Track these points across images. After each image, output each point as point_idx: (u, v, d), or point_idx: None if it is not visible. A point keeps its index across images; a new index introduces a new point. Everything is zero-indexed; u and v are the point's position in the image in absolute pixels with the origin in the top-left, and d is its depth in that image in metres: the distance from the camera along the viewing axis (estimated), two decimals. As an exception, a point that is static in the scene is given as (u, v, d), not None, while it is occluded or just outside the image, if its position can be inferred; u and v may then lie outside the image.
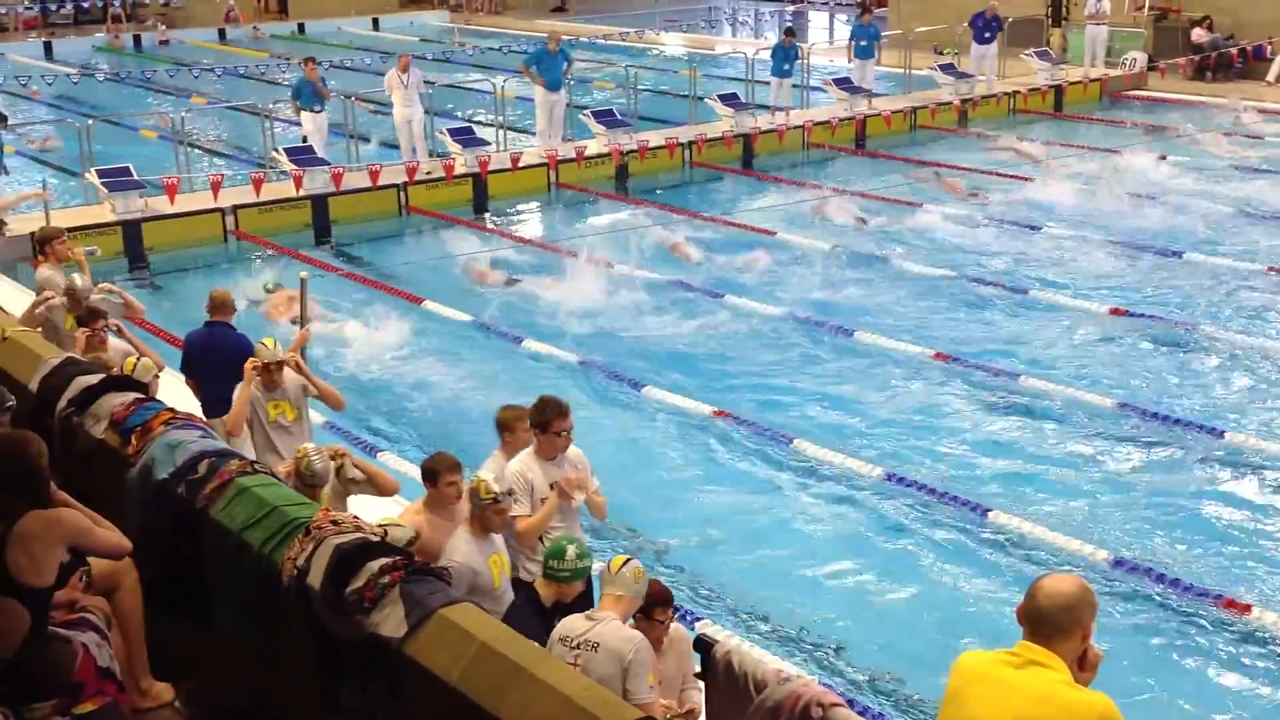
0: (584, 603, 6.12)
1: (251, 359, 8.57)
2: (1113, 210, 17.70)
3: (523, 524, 6.89)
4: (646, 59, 29.80)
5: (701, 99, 22.97)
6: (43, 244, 11.43)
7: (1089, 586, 3.87)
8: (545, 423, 7.03)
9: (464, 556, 6.34)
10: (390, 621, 4.87)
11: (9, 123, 17.25)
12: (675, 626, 5.99)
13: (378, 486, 7.76)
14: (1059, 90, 25.55)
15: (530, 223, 18.54)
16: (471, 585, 6.21)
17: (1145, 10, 28.40)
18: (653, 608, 5.81)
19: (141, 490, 6.08)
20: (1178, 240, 16.38)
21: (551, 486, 6.99)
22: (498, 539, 6.62)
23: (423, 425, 11.53)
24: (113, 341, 9.26)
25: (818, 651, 8.00)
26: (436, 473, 6.89)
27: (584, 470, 7.21)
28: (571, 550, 5.85)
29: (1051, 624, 3.81)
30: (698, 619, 7.99)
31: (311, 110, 19.47)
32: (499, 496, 6.48)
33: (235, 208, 17.77)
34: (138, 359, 8.44)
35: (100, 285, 10.57)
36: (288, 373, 8.60)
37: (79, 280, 10.05)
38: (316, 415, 10.77)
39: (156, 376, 8.45)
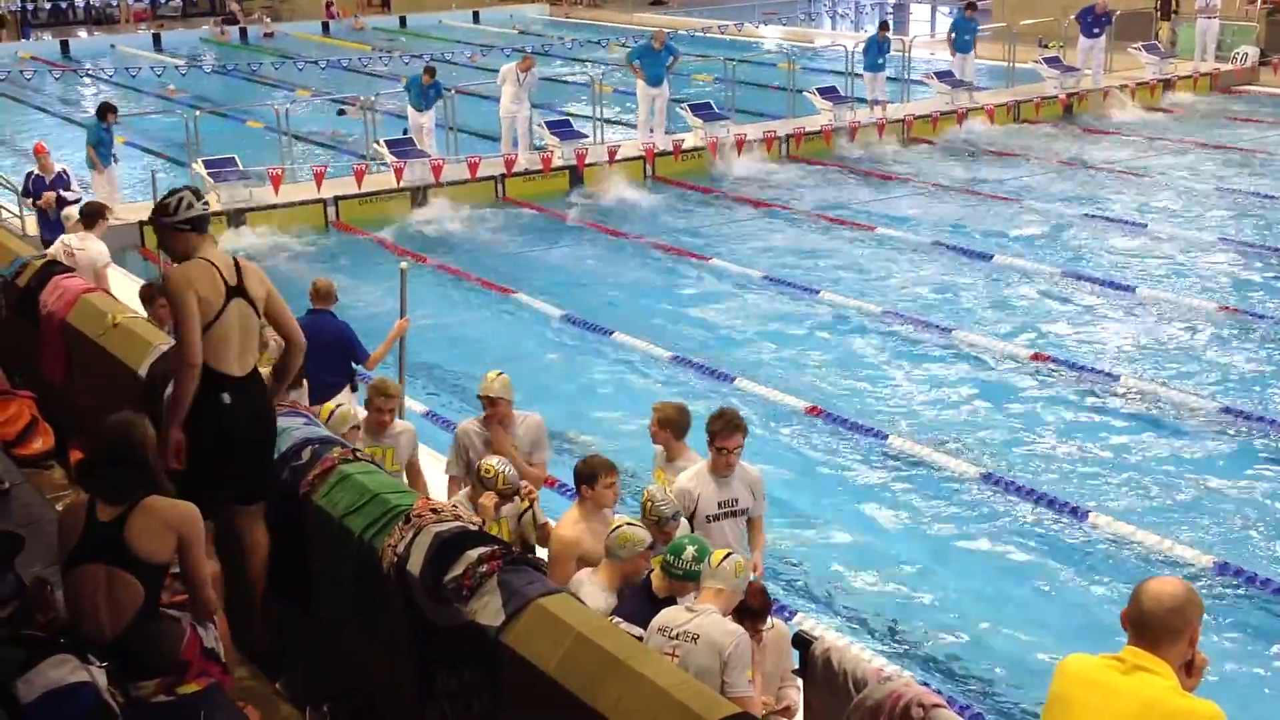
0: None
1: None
2: (1223, 210, 17.29)
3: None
4: (745, 52, 29.65)
5: (800, 92, 22.83)
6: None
7: (1194, 589, 3.77)
8: (709, 435, 6.86)
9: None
10: (488, 610, 4.90)
11: (118, 114, 17.59)
12: (775, 623, 5.96)
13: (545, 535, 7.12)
14: (1168, 84, 24.99)
15: (624, 215, 18.54)
16: None
17: (1258, 4, 27.68)
18: (753, 619, 5.76)
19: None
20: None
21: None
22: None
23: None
24: None
25: (916, 651, 7.92)
26: (595, 475, 6.71)
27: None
28: (690, 550, 5.77)
29: (1158, 627, 3.72)
30: (794, 614, 7.95)
31: (419, 109, 19.68)
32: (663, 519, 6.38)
33: (336, 198, 18.04)
34: (337, 406, 7.84)
35: None
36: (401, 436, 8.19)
37: None
38: (417, 405, 10.94)
39: (356, 428, 7.66)
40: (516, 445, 7.58)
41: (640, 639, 5.25)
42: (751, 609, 5.79)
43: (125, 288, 12.93)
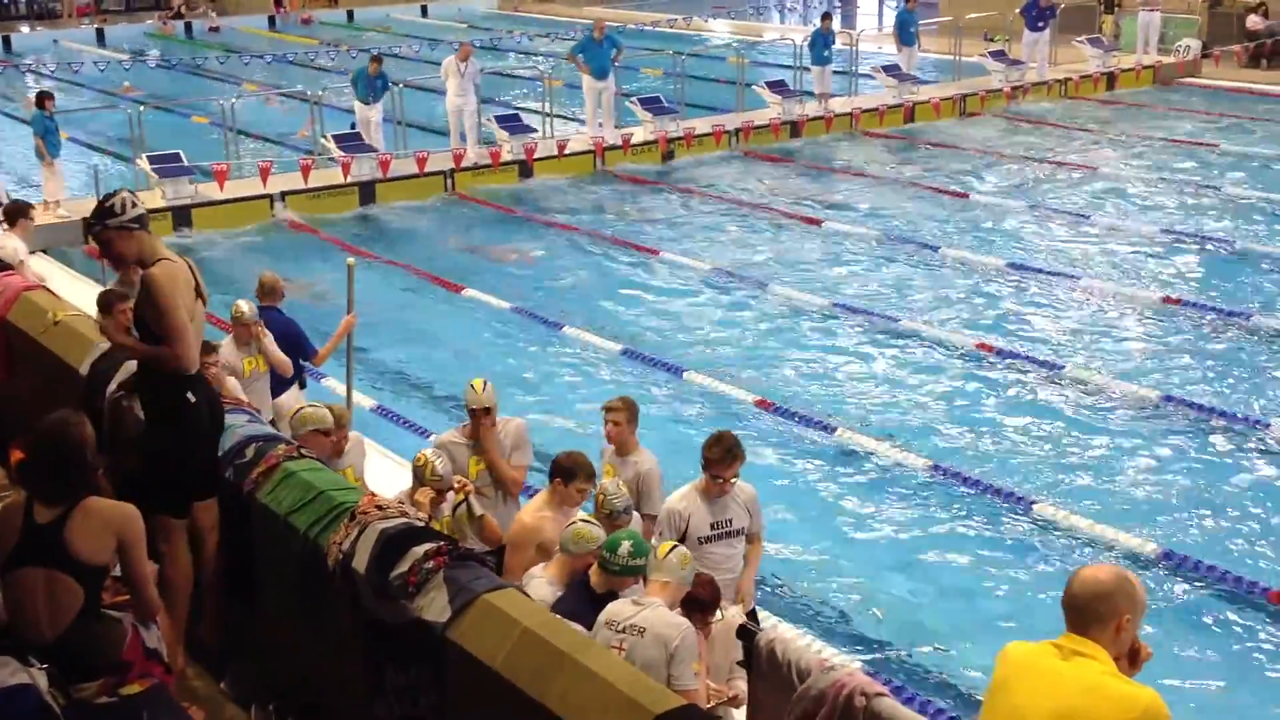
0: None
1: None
2: (1169, 200, 17.51)
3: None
4: (694, 46, 29.69)
5: (749, 86, 22.89)
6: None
7: (1130, 578, 3.80)
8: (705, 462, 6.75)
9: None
10: (434, 606, 4.89)
11: (55, 102, 17.35)
12: (724, 615, 5.97)
13: (487, 530, 7.07)
14: (1111, 77, 25.26)
15: (574, 209, 18.51)
16: None
17: (1200, -4, 28.07)
18: (702, 611, 5.77)
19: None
20: (1231, 231, 16.19)
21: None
22: None
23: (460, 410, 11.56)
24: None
25: (861, 641, 7.98)
26: (573, 474, 6.69)
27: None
28: (626, 546, 5.76)
29: (1085, 613, 3.77)
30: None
31: (365, 102, 19.54)
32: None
33: (284, 194, 17.91)
34: (300, 407, 7.58)
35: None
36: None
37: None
38: (366, 399, 10.89)
39: (321, 432, 7.27)
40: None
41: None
42: (701, 601, 5.81)
43: (66, 285, 12.80)
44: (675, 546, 5.85)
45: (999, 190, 18.45)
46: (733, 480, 6.63)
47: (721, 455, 6.56)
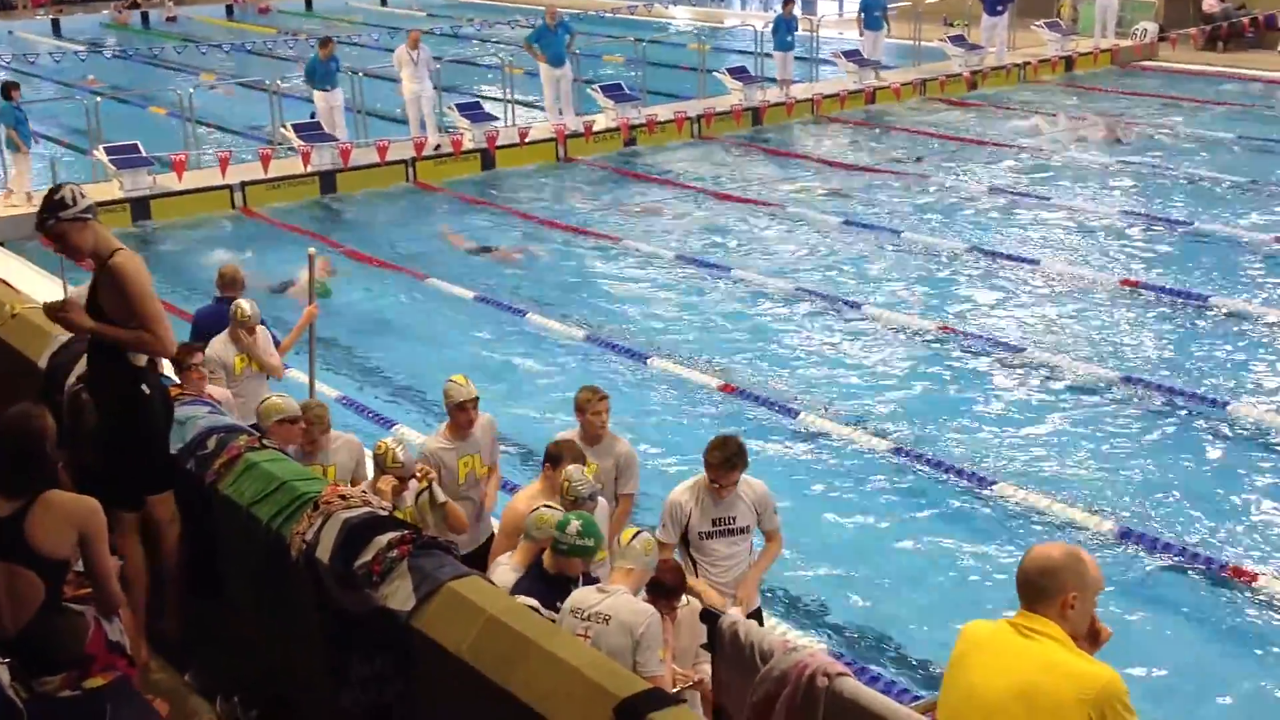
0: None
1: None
2: (1127, 182, 17.65)
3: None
4: (656, 32, 29.65)
5: (710, 72, 22.91)
6: None
7: (1082, 558, 3.84)
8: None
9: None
10: (399, 595, 4.89)
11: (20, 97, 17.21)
12: (689, 600, 5.99)
13: (451, 518, 7.06)
14: (1069, 61, 25.42)
15: (537, 197, 18.49)
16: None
17: (1157, -20, 28.25)
18: (667, 596, 5.80)
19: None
20: (1189, 213, 16.35)
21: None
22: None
23: (425, 399, 11.57)
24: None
25: (824, 622, 8.04)
26: (560, 460, 6.73)
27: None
28: (574, 525, 5.77)
29: (1030, 588, 3.82)
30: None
31: (324, 89, 19.43)
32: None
33: (244, 184, 17.80)
34: (266, 398, 7.43)
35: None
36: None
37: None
38: (330, 389, 10.86)
39: (288, 421, 7.24)
40: None
41: (536, 609, 5.29)
42: (666, 586, 5.83)
43: (26, 278, 12.71)
44: (639, 533, 5.88)
45: (960, 174, 18.54)
46: (733, 484, 6.54)
47: (720, 462, 6.47)
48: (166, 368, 6.82)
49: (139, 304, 5.62)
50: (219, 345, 8.87)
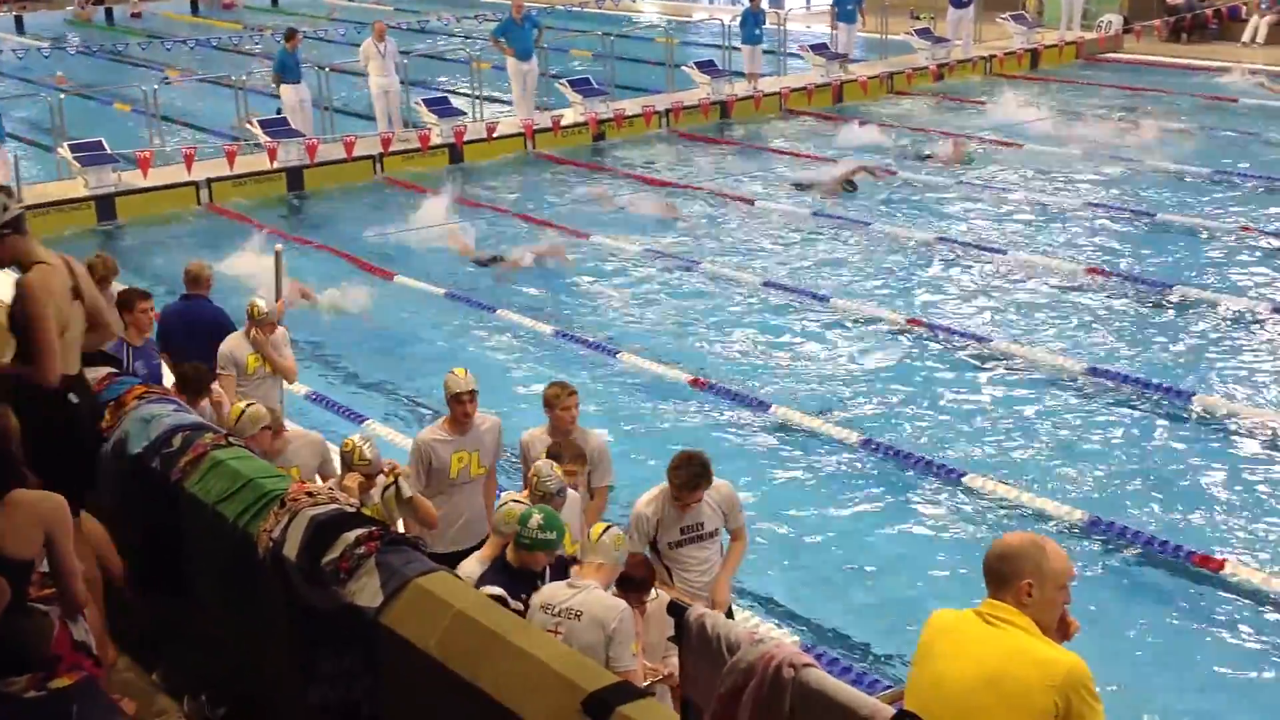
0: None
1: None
2: (1089, 175, 17.76)
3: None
4: (623, 26, 29.63)
5: (678, 66, 22.91)
6: None
7: (1044, 546, 3.86)
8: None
9: None
10: (366, 592, 4.88)
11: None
12: (659, 594, 6.00)
13: (420, 512, 6.99)
14: (1035, 54, 25.55)
15: (506, 192, 18.44)
16: None
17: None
18: (637, 590, 5.81)
19: (116, 464, 6.07)
20: (1153, 203, 16.47)
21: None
22: None
23: (395, 396, 11.54)
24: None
25: (793, 614, 8.06)
26: (558, 458, 6.74)
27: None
28: (536, 519, 5.75)
29: (992, 573, 3.87)
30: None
31: (292, 83, 19.32)
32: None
33: (209, 180, 17.69)
34: (247, 405, 7.28)
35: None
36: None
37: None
38: (299, 386, 10.81)
39: (268, 428, 7.25)
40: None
41: (501, 599, 5.29)
42: (635, 580, 5.84)
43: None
44: (609, 528, 5.89)
45: (927, 166, 18.60)
46: (697, 501, 6.52)
47: (685, 481, 6.46)
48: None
49: (31, 327, 5.49)
50: (233, 341, 8.79)
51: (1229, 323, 12.43)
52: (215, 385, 8.22)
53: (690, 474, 6.46)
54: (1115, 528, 8.76)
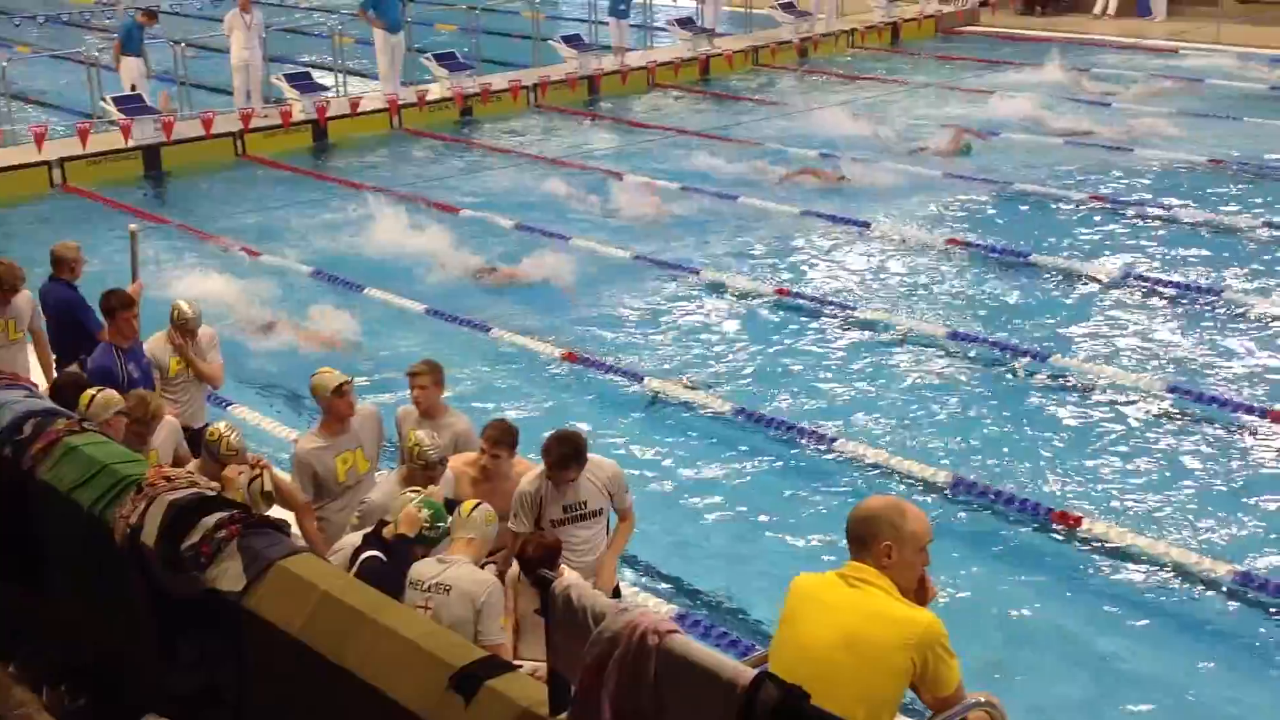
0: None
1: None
2: (951, 144, 18.11)
3: None
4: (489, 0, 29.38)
5: (545, 40, 22.79)
6: None
7: (904, 510, 3.95)
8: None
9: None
10: (228, 576, 4.81)
11: None
12: (563, 569, 5.99)
13: (286, 498, 7.01)
14: (895, 28, 25.95)
15: (371, 169, 18.19)
16: None
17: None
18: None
19: (-36, 454, 5.88)
20: (1009, 173, 16.87)
21: None
22: None
23: (263, 378, 11.34)
24: None
25: (666, 579, 8.13)
26: (499, 441, 6.75)
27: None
28: (425, 513, 5.86)
29: (853, 536, 3.97)
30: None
31: (136, 55, 18.74)
32: None
33: (62, 160, 17.13)
34: (98, 391, 6.94)
35: None
36: None
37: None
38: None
39: (121, 414, 6.89)
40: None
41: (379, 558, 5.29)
42: (532, 560, 5.81)
43: None
44: (480, 504, 5.89)
45: (792, 139, 18.78)
46: (570, 480, 6.49)
47: (556, 461, 6.43)
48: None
49: None
50: (158, 342, 8.46)
51: (1081, 288, 12.81)
52: None
53: (561, 454, 6.43)
54: (978, 487, 8.98)
